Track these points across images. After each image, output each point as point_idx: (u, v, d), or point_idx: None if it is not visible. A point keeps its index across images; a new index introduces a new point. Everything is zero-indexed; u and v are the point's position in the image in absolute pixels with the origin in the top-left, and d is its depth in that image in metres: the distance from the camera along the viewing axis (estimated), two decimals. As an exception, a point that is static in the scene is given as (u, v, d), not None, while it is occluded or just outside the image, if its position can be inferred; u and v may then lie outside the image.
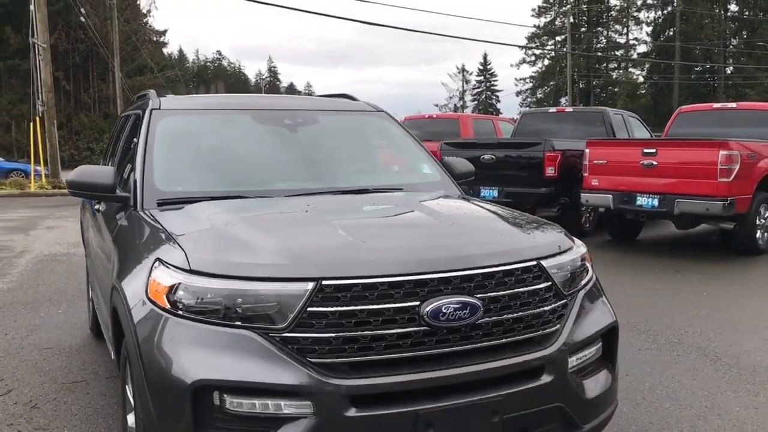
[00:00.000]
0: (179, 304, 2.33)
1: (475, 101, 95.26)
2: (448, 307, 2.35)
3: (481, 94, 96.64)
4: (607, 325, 2.85)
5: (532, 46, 74.55)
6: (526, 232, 2.93)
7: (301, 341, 2.24)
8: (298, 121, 4.04)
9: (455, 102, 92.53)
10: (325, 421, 2.20)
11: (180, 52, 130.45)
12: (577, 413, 2.62)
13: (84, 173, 3.45)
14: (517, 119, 13.05)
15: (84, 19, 33.31)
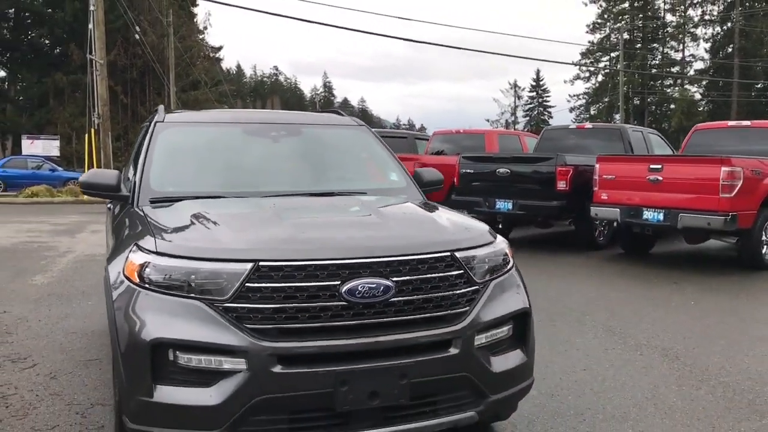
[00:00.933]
0: (146, 279, 2.88)
1: (527, 117, 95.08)
2: (364, 287, 2.84)
3: (533, 110, 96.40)
4: (517, 310, 3.27)
5: (584, 63, 74.00)
6: (449, 229, 3.40)
7: (239, 310, 2.76)
8: (282, 133, 4.61)
9: (507, 117, 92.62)
10: (256, 375, 2.71)
11: (238, 67, 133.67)
12: (484, 384, 3.06)
13: (93, 175, 4.08)
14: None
15: (139, 37, 34.74)
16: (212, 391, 2.72)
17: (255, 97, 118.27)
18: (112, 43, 40.46)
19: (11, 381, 4.54)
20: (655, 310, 6.81)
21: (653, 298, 7.39)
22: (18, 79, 48.62)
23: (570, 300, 7.21)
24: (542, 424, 3.91)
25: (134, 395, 2.80)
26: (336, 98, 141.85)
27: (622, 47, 58.06)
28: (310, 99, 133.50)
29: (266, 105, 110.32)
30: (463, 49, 44.25)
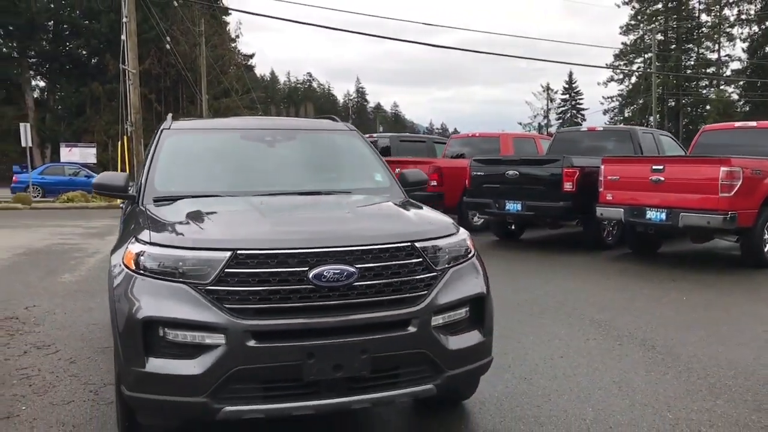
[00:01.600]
0: (141, 266, 3.30)
1: (559, 120, 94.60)
2: (329, 272, 3.22)
3: (566, 113, 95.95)
4: (473, 295, 3.62)
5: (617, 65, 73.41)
6: (413, 222, 3.77)
7: (220, 292, 3.17)
8: (277, 138, 5.03)
9: (539, 120, 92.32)
10: (233, 349, 3.11)
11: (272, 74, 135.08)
12: (440, 360, 3.41)
13: (105, 177, 4.55)
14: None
15: (170, 47, 35.69)
16: (196, 362, 3.12)
17: (288, 104, 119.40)
18: (146, 52, 41.68)
19: (35, 364, 5.02)
20: (646, 305, 7.07)
21: (647, 294, 7.64)
22: (57, 89, 50.27)
23: (564, 296, 7.51)
24: (510, 402, 4.26)
25: (130, 367, 3.22)
26: (369, 103, 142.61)
27: (654, 49, 57.58)
28: (343, 104, 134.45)
29: (299, 111, 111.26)
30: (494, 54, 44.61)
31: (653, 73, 57.75)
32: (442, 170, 13.09)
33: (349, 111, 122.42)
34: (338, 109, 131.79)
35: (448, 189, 12.88)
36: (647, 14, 70.76)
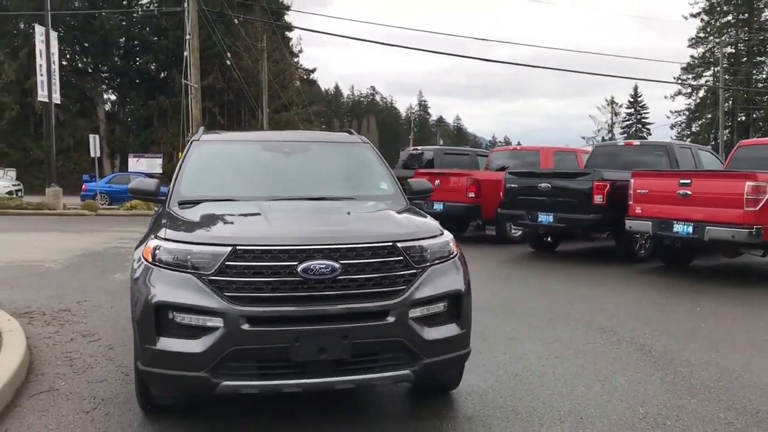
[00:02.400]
0: (157, 258, 3.83)
1: (624, 134, 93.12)
2: (316, 267, 3.67)
3: (630, 127, 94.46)
4: (451, 291, 4.00)
5: (684, 79, 71.65)
6: (399, 225, 4.19)
7: (220, 282, 3.66)
8: (294, 149, 5.55)
9: (603, 134, 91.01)
10: (230, 331, 3.58)
11: (336, 88, 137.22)
12: (417, 348, 3.81)
13: (139, 183, 5.15)
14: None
15: (230, 63, 37.04)
16: (198, 342, 3.61)
17: (351, 117, 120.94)
18: (210, 67, 43.34)
19: (79, 349, 5.64)
20: (658, 314, 7.26)
21: (663, 303, 7.82)
22: (127, 103, 52.65)
23: (579, 304, 7.76)
24: (494, 394, 4.62)
25: (144, 345, 3.74)
26: (431, 116, 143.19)
27: (722, 62, 56.23)
28: (405, 118, 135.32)
29: (361, 124, 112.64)
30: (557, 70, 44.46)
31: (720, 87, 56.31)
32: (480, 182, 13.41)
33: (411, 124, 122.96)
34: (400, 123, 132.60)
35: (486, 201, 13.19)
36: (717, 27, 68.99)
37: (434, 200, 14.11)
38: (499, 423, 4.10)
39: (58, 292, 8.11)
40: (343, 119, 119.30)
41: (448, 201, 13.80)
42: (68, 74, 48.49)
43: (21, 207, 22.88)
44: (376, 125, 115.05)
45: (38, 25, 25.81)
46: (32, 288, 8.36)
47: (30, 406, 4.31)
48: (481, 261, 11.45)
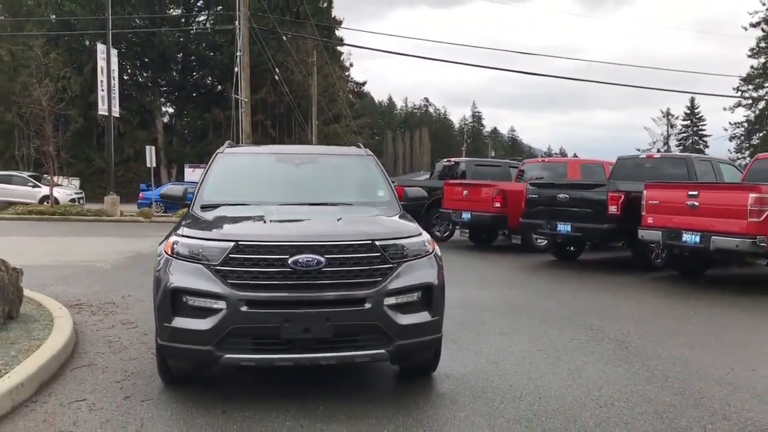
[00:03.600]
0: (175, 252, 4.60)
1: (679, 146, 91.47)
2: (304, 259, 4.37)
3: (686, 139, 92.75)
4: (423, 283, 4.64)
5: (744, 90, 69.91)
6: (381, 226, 4.87)
7: (224, 271, 4.39)
8: (303, 161, 6.29)
9: (658, 147, 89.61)
10: (231, 312, 4.30)
11: (389, 99, 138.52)
12: (391, 331, 4.46)
13: (168, 189, 5.98)
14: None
15: (279, 78, 38.33)
16: (206, 321, 4.35)
17: (404, 129, 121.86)
18: (263, 82, 44.83)
19: (118, 335, 6.47)
20: (651, 317, 7.72)
21: (662, 308, 8.26)
22: (183, 115, 54.69)
23: (578, 306, 8.26)
24: (469, 377, 5.23)
25: (162, 323, 4.50)
26: (485, 128, 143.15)
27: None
28: (459, 129, 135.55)
29: (414, 136, 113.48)
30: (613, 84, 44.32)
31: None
32: (506, 193, 13.95)
33: (464, 135, 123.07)
34: (453, 134, 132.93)
35: (511, 211, 13.69)
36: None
37: (462, 209, 14.76)
38: (465, 399, 4.72)
39: (106, 288, 9.04)
40: (395, 131, 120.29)
41: (475, 210, 14.39)
42: (129, 88, 50.84)
43: (81, 213, 24.35)
44: (429, 136, 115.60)
45: (100, 44, 27.43)
46: (84, 284, 9.32)
47: (72, 375, 5.13)
48: (501, 268, 12.00)
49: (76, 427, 4.08)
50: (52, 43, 44.69)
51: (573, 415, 4.41)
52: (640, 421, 4.33)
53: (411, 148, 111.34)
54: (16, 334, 5.82)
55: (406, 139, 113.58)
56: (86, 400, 4.58)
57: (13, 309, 6.33)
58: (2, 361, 4.96)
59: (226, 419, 4.27)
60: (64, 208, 25.03)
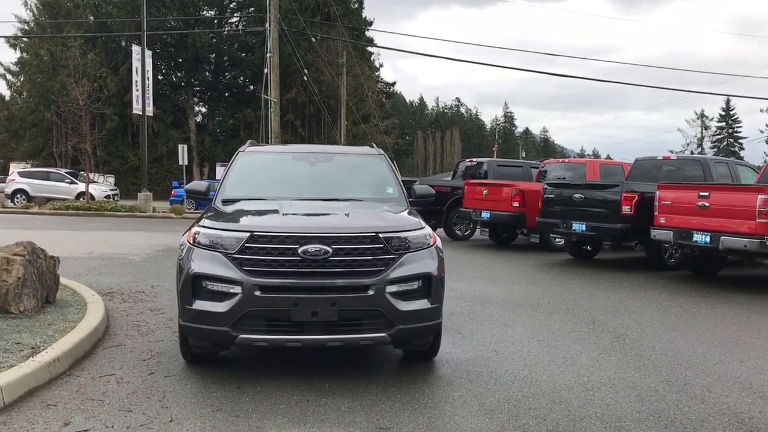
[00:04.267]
0: (196, 241, 5.04)
1: (714, 148, 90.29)
2: (312, 249, 4.78)
3: (721, 141, 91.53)
4: (422, 273, 5.01)
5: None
6: (386, 220, 5.24)
7: (240, 259, 4.82)
8: (319, 160, 6.71)
9: (692, 148, 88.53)
10: (246, 296, 4.73)
11: (421, 99, 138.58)
12: (393, 316, 4.85)
13: (193, 185, 6.44)
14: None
15: (307, 79, 38.90)
16: (223, 304, 4.78)
17: (435, 129, 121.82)
18: (293, 82, 45.50)
19: (146, 320, 6.96)
20: (654, 312, 7.98)
21: (666, 305, 8.51)
22: (215, 114, 55.65)
23: (584, 301, 8.55)
24: (469, 363, 5.59)
25: (183, 306, 4.95)
26: (517, 128, 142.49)
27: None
28: (490, 129, 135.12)
29: (445, 136, 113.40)
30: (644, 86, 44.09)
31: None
32: (525, 193, 14.23)
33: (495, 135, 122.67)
34: (485, 134, 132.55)
35: (530, 210, 13.97)
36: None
37: (482, 209, 15.07)
38: (460, 381, 5.09)
39: (136, 278, 9.57)
40: (426, 131, 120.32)
41: (494, 210, 14.70)
42: (163, 88, 51.94)
43: (115, 210, 25.13)
44: (460, 137, 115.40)
45: (135, 45, 28.25)
46: (116, 275, 9.87)
47: (102, 354, 5.61)
48: (515, 265, 12.30)
49: (105, 396, 4.54)
50: (89, 44, 45.93)
51: (559, 397, 4.75)
52: (621, 403, 4.66)
53: (442, 148, 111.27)
54: (53, 316, 6.33)
55: (437, 139, 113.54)
56: (115, 374, 5.05)
57: (50, 294, 6.85)
58: (41, 339, 5.45)
59: (240, 393, 4.69)
60: (99, 204, 25.86)
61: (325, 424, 4.16)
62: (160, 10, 49.14)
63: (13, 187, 30.13)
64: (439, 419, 4.28)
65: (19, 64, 50.52)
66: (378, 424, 4.17)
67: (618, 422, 4.28)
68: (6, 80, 52.18)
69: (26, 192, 29.47)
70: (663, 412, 4.48)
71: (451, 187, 17.27)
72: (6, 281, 6.19)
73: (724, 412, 4.52)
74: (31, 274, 6.43)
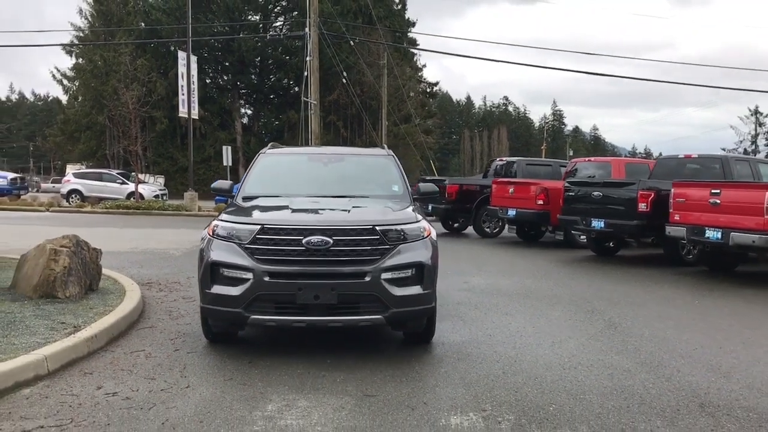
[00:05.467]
0: (215, 233, 5.70)
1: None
2: (315, 240, 5.38)
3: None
4: (415, 262, 5.56)
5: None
6: (384, 214, 5.80)
7: (252, 249, 5.45)
8: (332, 160, 7.32)
9: (745, 146, 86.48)
10: (256, 281, 5.35)
11: (468, 98, 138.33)
12: (387, 301, 5.41)
13: (218, 183, 7.13)
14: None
15: (345, 81, 39.67)
16: (237, 288, 5.42)
17: (482, 127, 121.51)
18: (336, 83, 46.38)
19: (178, 306, 7.68)
20: (654, 305, 8.34)
21: (669, 297, 8.87)
22: (260, 116, 56.99)
23: (592, 295, 8.95)
24: (462, 345, 6.12)
25: (203, 290, 5.62)
26: (566, 126, 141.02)
27: None
28: (539, 127, 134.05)
29: (492, 135, 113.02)
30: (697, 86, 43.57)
31: None
32: (549, 191, 14.60)
33: (544, 134, 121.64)
34: (533, 133, 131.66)
35: (554, 208, 14.33)
36: None
37: (508, 206, 15.50)
38: (450, 360, 5.63)
39: (174, 271, 10.35)
40: (473, 130, 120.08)
41: (520, 208, 15.13)
42: (210, 91, 53.52)
43: (163, 208, 26.31)
44: (507, 135, 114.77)
45: (181, 51, 29.41)
46: (156, 267, 10.68)
47: (136, 334, 6.33)
48: (534, 261, 12.72)
49: (134, 367, 5.23)
50: (140, 50, 47.68)
51: (536, 374, 5.26)
52: (592, 380, 5.13)
53: (489, 147, 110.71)
54: (95, 301, 7.09)
55: (483, 138, 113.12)
56: (144, 350, 5.75)
57: (93, 282, 7.63)
58: (82, 320, 6.20)
59: (251, 366, 5.33)
60: (148, 204, 27.07)
61: (320, 392, 4.75)
62: (207, 15, 50.63)
63: (68, 187, 31.75)
64: (421, 389, 4.84)
65: (75, 70, 52.79)
66: (366, 392, 4.75)
67: (582, 395, 4.77)
68: (63, 85, 54.64)
69: (80, 192, 30.98)
70: (627, 388, 4.94)
71: (480, 185, 17.72)
72: (54, 270, 6.98)
73: (684, 389, 4.95)
74: (76, 264, 7.21)
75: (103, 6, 51.88)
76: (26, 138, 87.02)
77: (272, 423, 4.13)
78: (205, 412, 4.29)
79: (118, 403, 4.43)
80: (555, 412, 4.43)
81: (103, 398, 4.51)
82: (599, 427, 4.16)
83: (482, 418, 4.27)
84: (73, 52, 51.92)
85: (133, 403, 4.44)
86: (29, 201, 29.24)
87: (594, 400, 4.66)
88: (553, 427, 4.16)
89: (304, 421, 4.18)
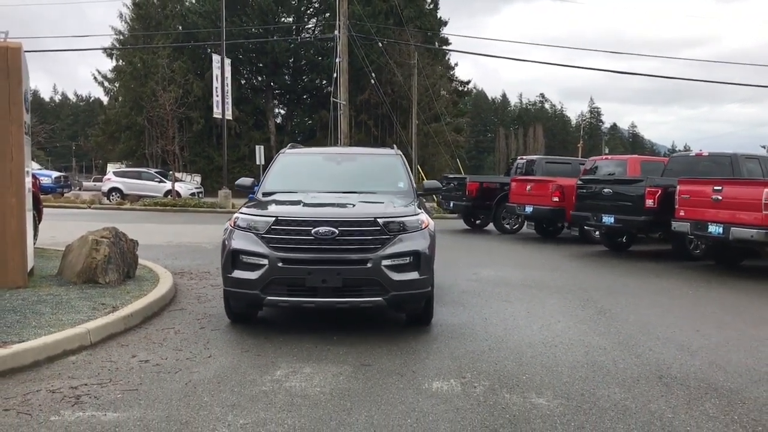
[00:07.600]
0: (236, 224, 6.43)
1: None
2: (323, 230, 6.07)
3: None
4: (412, 250, 6.22)
5: None
6: (386, 208, 6.46)
7: (267, 238, 6.16)
8: (344, 160, 8.02)
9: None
10: (271, 267, 6.06)
11: (503, 96, 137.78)
12: (387, 285, 6.08)
13: (241, 181, 7.88)
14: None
15: (373, 82, 40.36)
16: (254, 273, 6.13)
17: (518, 125, 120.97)
18: (367, 83, 47.04)
19: (206, 292, 8.44)
20: (650, 294, 8.85)
21: (665, 288, 9.37)
22: (294, 116, 58.05)
23: (593, 286, 9.50)
24: (458, 327, 6.75)
25: (225, 274, 6.35)
26: (603, 123, 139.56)
27: None
28: (576, 125, 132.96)
29: (527, 132, 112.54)
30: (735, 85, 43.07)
31: None
32: (564, 188, 15.11)
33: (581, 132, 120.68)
34: (570, 130, 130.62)
35: (570, 205, 14.83)
36: None
37: (525, 203, 16.04)
38: (443, 338, 6.28)
39: (205, 262, 11.16)
40: (508, 127, 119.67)
41: (536, 204, 15.66)
42: (245, 91, 54.72)
43: (198, 206, 27.36)
44: (543, 133, 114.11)
45: (215, 54, 30.44)
46: (188, 259, 11.51)
47: (167, 315, 7.11)
48: (546, 255, 13.26)
49: (164, 341, 5.99)
50: (177, 52, 49.04)
51: (516, 350, 5.88)
52: (568, 356, 5.73)
53: (525, 145, 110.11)
54: (131, 287, 7.90)
55: (519, 136, 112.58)
56: (174, 328, 6.51)
57: (130, 270, 8.45)
58: (120, 302, 6.99)
59: (266, 341, 6.05)
60: (184, 201, 28.17)
61: (323, 362, 5.45)
62: (242, 18, 51.78)
63: (108, 185, 33.08)
64: (413, 361, 5.50)
65: (115, 72, 54.46)
66: (363, 362, 5.43)
67: (555, 367, 5.38)
68: (104, 87, 56.42)
69: (120, 190, 32.29)
70: (597, 363, 5.53)
71: (500, 183, 18.27)
72: (95, 258, 7.81)
73: (650, 364, 5.53)
74: (115, 253, 8.03)
75: (143, 10, 53.42)
76: (69, 138, 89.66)
77: (279, 384, 4.84)
78: (222, 376, 5.02)
79: (149, 368, 5.18)
80: (527, 380, 5.05)
81: (136, 364, 5.27)
82: (562, 393, 4.77)
83: (461, 384, 4.92)
84: (113, 55, 53.59)
85: (161, 368, 5.19)
86: (72, 198, 30.62)
87: (564, 372, 5.26)
88: (522, 392, 4.78)
89: (306, 383, 4.88)
